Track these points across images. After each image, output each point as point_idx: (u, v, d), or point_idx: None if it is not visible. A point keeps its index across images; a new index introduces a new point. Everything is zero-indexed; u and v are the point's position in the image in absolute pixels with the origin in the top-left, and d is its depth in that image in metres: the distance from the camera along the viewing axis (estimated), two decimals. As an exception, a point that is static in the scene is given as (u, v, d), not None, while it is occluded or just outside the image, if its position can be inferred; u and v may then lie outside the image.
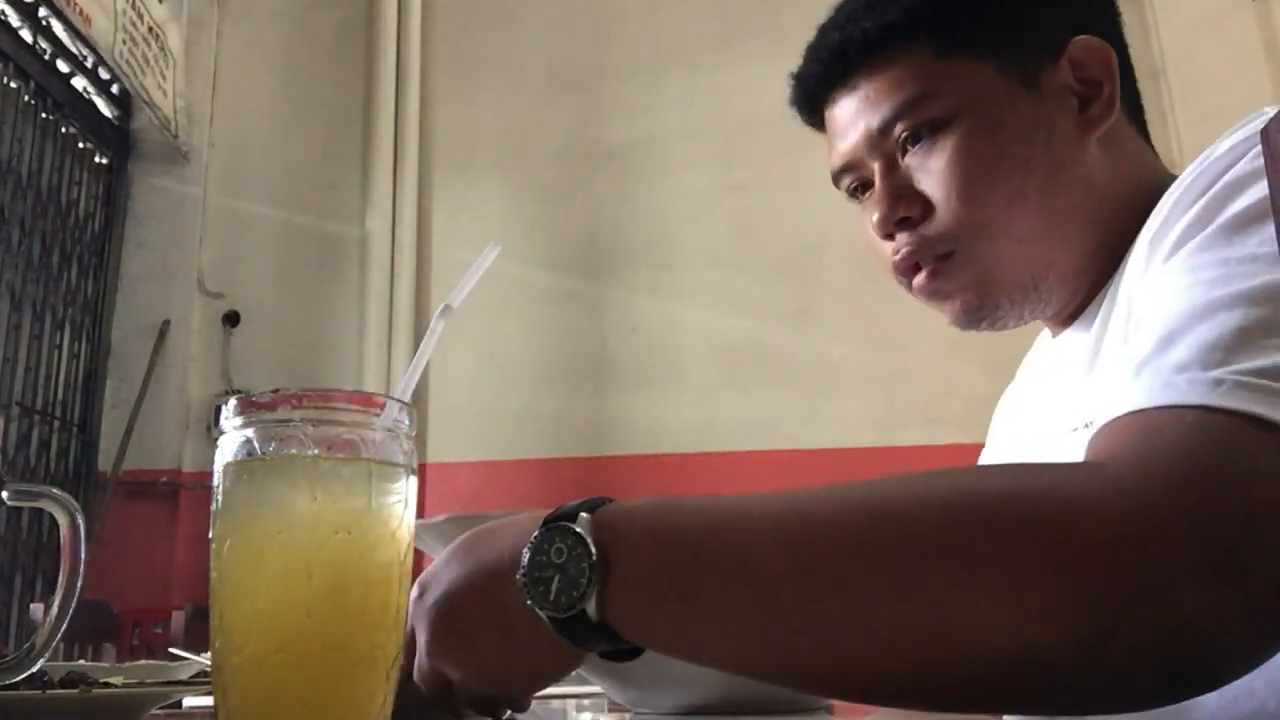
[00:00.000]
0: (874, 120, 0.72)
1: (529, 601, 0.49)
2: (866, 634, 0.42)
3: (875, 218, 0.73)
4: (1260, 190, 0.51)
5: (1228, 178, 0.54)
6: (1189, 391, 0.44)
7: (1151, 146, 0.78)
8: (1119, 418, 0.46)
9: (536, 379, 3.99)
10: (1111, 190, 0.71)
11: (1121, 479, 0.41)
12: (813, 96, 0.78)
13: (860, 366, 3.76)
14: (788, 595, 0.44)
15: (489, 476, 3.93)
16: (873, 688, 0.45)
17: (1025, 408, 0.84)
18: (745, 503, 0.49)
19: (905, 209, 0.72)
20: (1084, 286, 0.73)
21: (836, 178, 0.78)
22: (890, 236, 0.74)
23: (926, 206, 0.71)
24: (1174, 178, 0.72)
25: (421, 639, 0.55)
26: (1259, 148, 0.54)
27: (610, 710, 0.80)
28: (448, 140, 4.26)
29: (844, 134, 0.76)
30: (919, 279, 0.73)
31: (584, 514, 0.49)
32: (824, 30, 0.77)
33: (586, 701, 0.95)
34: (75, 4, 3.31)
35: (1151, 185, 0.71)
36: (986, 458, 0.93)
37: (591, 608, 0.48)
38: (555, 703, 0.92)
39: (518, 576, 0.50)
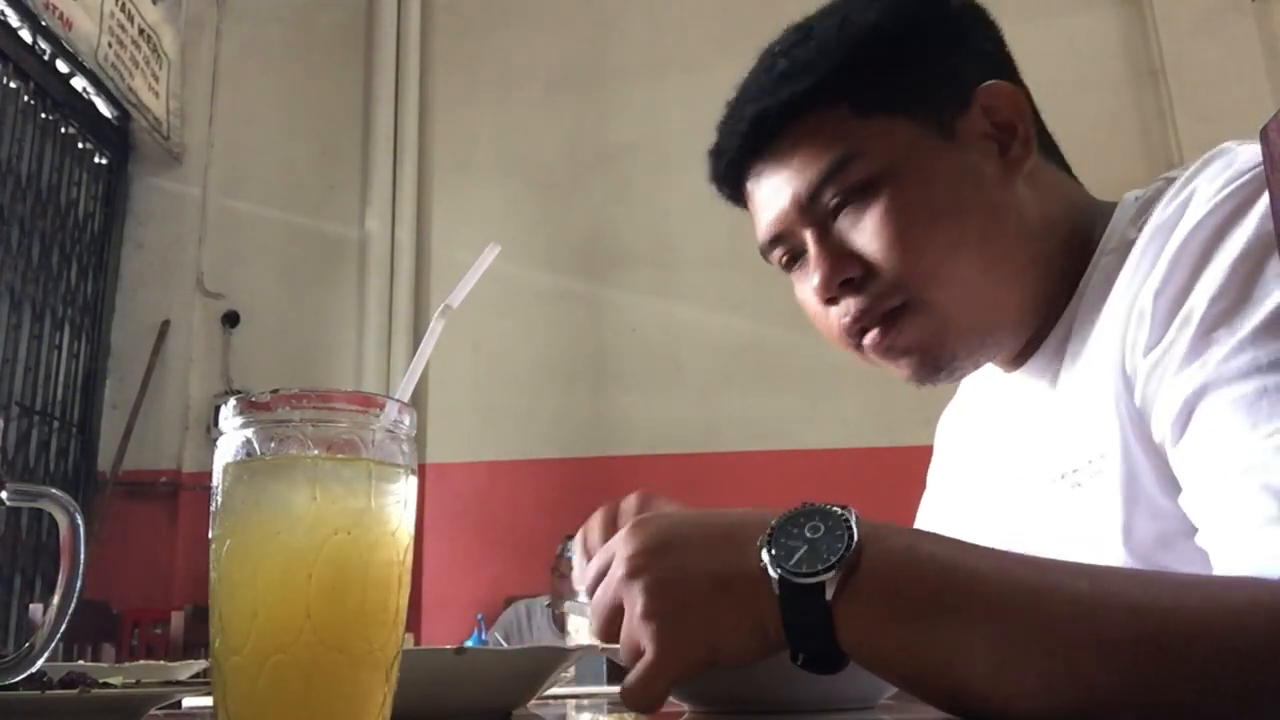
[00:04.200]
0: (802, 187, 0.71)
1: (765, 559, 0.49)
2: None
3: (815, 282, 0.72)
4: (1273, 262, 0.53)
5: (1239, 241, 0.56)
6: None
7: (1069, 172, 0.78)
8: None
9: (536, 379, 3.99)
10: (1043, 227, 0.72)
11: None
12: (734, 169, 0.76)
13: (860, 367, 3.74)
14: (1063, 639, 0.46)
15: (488, 476, 3.93)
16: None
17: (991, 448, 0.84)
18: (1005, 556, 0.51)
19: (847, 270, 0.70)
20: (1030, 326, 0.73)
21: (765, 251, 0.77)
22: (834, 301, 0.72)
23: (867, 267, 0.70)
24: (1098, 204, 0.74)
25: (638, 604, 0.52)
26: (1245, 187, 0.57)
27: (610, 711, 0.80)
28: (447, 141, 4.26)
29: (770, 205, 0.74)
30: (870, 338, 0.72)
31: (841, 508, 0.50)
32: (737, 104, 0.75)
33: (586, 702, 0.95)
34: (55, 8, 3.33)
35: (1079, 215, 0.74)
36: (936, 494, 0.94)
37: (830, 585, 0.47)
38: (554, 703, 0.92)
39: (763, 534, 0.50)
